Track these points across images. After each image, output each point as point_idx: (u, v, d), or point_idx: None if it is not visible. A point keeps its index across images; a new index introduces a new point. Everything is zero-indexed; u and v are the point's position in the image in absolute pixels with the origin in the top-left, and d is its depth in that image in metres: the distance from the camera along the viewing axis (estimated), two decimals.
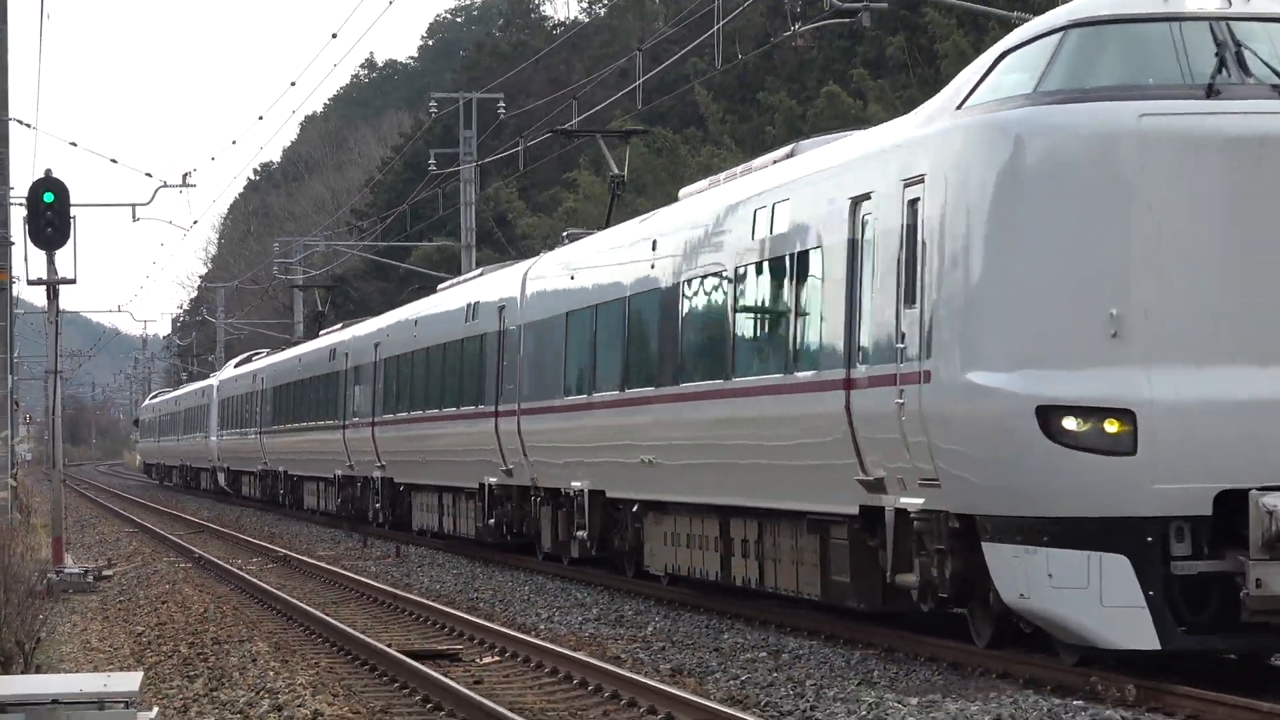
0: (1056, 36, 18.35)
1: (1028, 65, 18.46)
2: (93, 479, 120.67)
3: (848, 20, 34.71)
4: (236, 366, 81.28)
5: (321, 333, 62.20)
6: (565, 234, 37.92)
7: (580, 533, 30.62)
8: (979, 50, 36.27)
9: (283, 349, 73.60)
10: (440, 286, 45.44)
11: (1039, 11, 29.23)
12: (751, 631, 24.00)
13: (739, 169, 26.75)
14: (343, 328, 56.95)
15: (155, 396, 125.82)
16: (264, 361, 72.31)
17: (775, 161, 24.62)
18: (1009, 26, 31.69)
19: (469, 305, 38.47)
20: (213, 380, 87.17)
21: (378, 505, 48.54)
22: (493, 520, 36.41)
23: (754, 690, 18.39)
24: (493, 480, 35.92)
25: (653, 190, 60.94)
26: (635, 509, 28.79)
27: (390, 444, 45.84)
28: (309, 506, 61.08)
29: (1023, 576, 17.28)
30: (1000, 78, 18.76)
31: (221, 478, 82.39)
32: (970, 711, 16.28)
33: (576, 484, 30.71)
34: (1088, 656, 17.55)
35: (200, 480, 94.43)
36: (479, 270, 43.68)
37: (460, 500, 39.75)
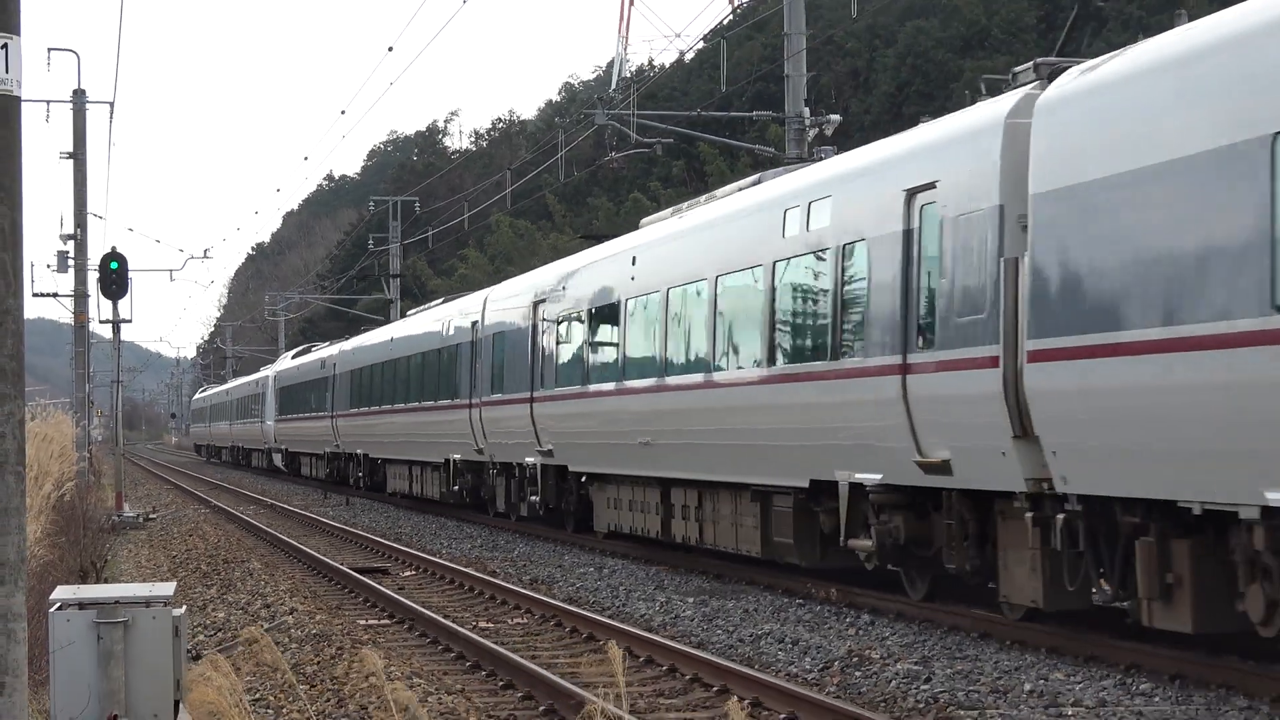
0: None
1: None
2: (143, 454, 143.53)
3: (647, 150, 45.72)
4: (295, 358, 77.48)
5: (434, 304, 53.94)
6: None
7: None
8: (734, 171, 64.11)
9: (365, 330, 67.94)
10: (410, 312, 59.04)
11: (780, 146, 38.17)
12: (584, 554, 31.33)
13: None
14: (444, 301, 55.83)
15: (203, 391, 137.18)
16: (338, 349, 63.72)
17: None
18: (754, 155, 50.16)
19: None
20: (267, 372, 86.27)
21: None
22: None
23: (585, 593, 24.45)
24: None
25: (518, 261, 79.38)
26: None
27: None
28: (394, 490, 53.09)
29: None
30: None
31: (279, 458, 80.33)
32: (729, 607, 21.93)
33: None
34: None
35: (251, 459, 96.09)
36: (440, 300, 52.87)
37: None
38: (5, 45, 7.24)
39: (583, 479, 32.58)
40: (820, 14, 71.14)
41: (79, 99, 48.94)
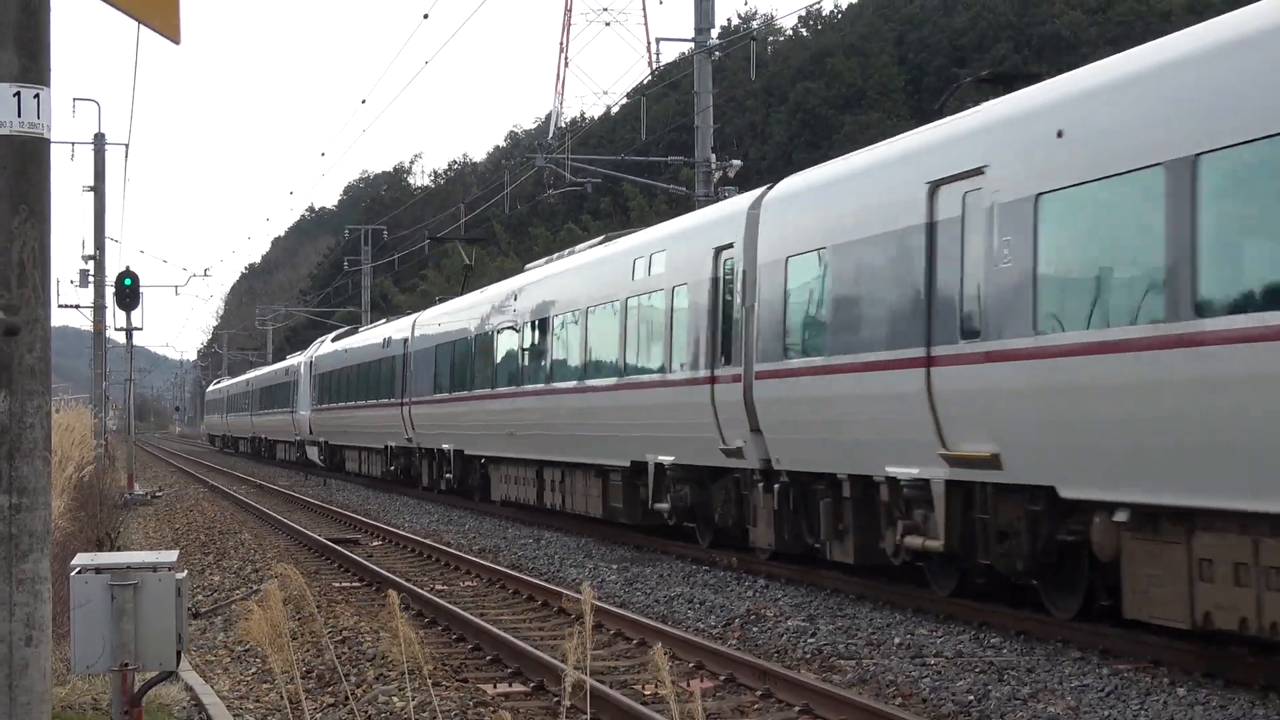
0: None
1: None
2: (151, 442, 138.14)
3: (579, 188, 47.38)
4: (336, 340, 59.22)
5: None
6: (437, 296, 56.19)
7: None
8: (652, 206, 66.75)
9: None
10: (362, 328, 59.89)
11: (691, 186, 38.07)
12: (525, 528, 31.18)
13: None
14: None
15: (218, 383, 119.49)
16: (411, 322, 44.88)
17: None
18: (668, 193, 51.15)
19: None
20: (298, 359, 67.79)
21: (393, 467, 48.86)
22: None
23: (525, 560, 24.54)
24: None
25: (470, 281, 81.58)
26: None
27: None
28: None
29: None
30: None
31: (314, 452, 61.76)
32: (646, 573, 22.08)
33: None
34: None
35: (276, 452, 77.25)
36: (384, 320, 55.10)
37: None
38: (38, 95, 7.18)
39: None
40: (725, 75, 71.15)
41: (99, 141, 48.64)
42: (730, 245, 21.06)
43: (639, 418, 24.26)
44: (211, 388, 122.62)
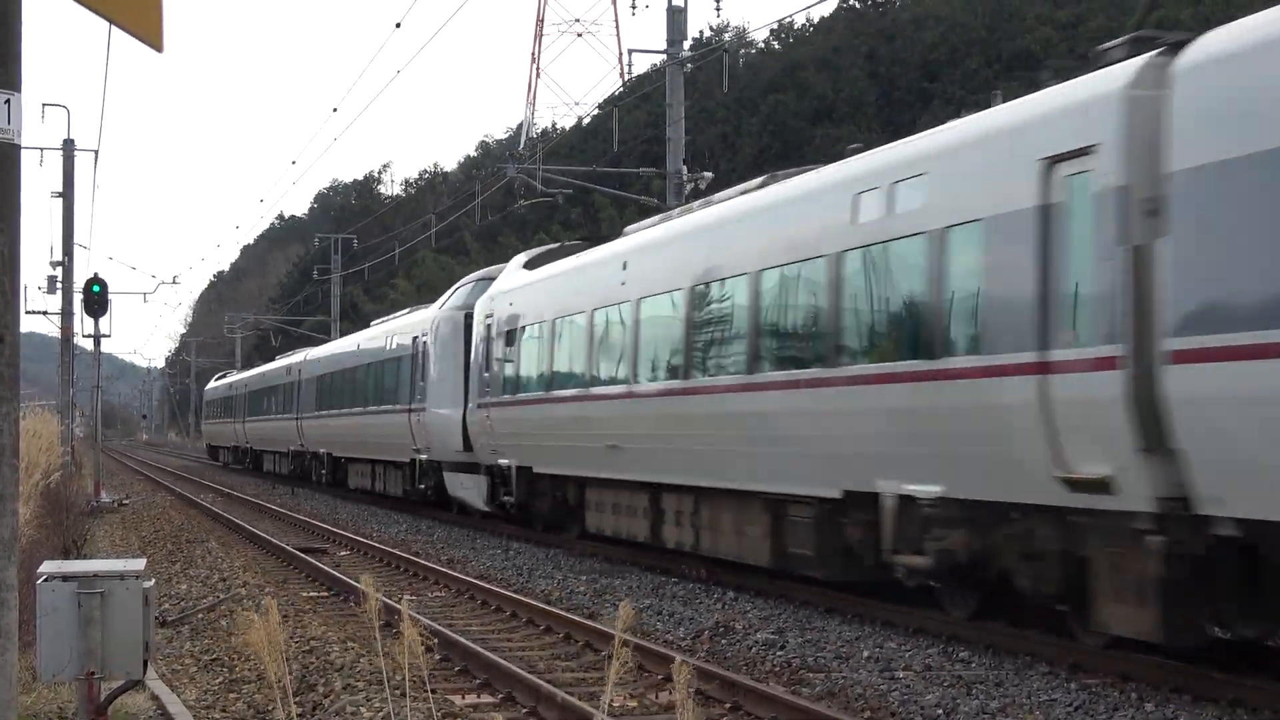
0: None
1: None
2: (118, 449, 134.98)
3: (550, 198, 47.13)
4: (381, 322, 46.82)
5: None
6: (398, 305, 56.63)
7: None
8: (623, 217, 59.44)
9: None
10: (375, 321, 51.37)
11: (663, 197, 38.58)
12: (493, 539, 31.10)
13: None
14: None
15: (222, 378, 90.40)
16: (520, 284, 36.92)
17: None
18: (639, 204, 47.55)
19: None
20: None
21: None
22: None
23: (494, 571, 24.56)
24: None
25: (441, 290, 78.72)
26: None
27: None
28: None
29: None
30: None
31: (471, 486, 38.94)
32: (615, 585, 22.30)
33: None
34: None
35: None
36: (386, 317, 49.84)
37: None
38: (8, 101, 7.14)
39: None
40: (696, 87, 71.33)
41: (68, 147, 48.38)
42: (1084, 152, 13.07)
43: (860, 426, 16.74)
44: (216, 384, 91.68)
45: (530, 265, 30.14)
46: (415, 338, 37.20)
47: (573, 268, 26.82)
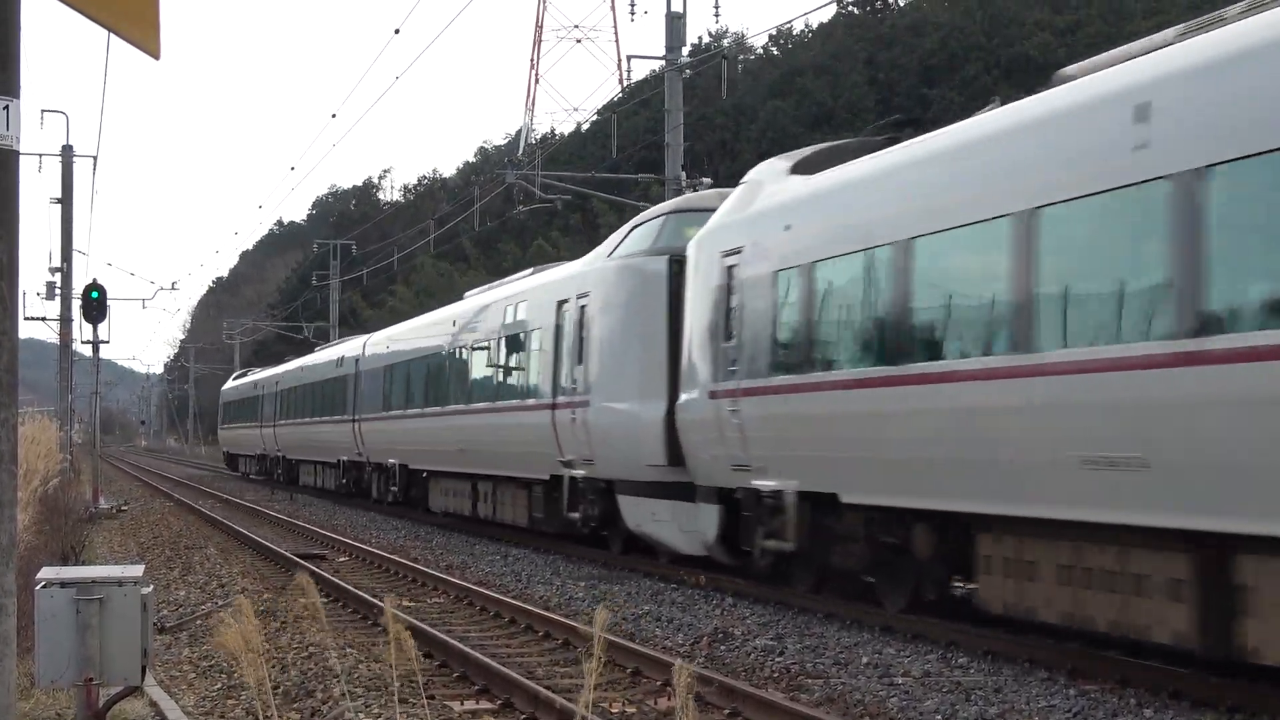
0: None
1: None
2: (116, 455, 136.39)
3: (549, 204, 46.89)
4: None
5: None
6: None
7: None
8: (622, 223, 57.64)
9: None
10: (319, 346, 52.45)
11: (655, 202, 38.20)
12: (491, 545, 31.00)
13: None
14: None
15: (242, 377, 79.69)
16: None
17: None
18: (638, 212, 46.80)
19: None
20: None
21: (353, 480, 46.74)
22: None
23: (493, 577, 24.34)
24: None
25: (440, 296, 76.49)
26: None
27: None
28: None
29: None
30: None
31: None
32: (614, 590, 22.25)
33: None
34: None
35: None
36: (339, 339, 51.53)
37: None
38: (7, 107, 7.15)
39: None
40: (696, 93, 71.33)
41: (67, 153, 48.48)
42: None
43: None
44: (236, 383, 79.84)
45: (805, 169, 19.45)
46: (561, 303, 26.89)
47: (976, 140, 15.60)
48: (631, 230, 25.56)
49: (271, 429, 62.36)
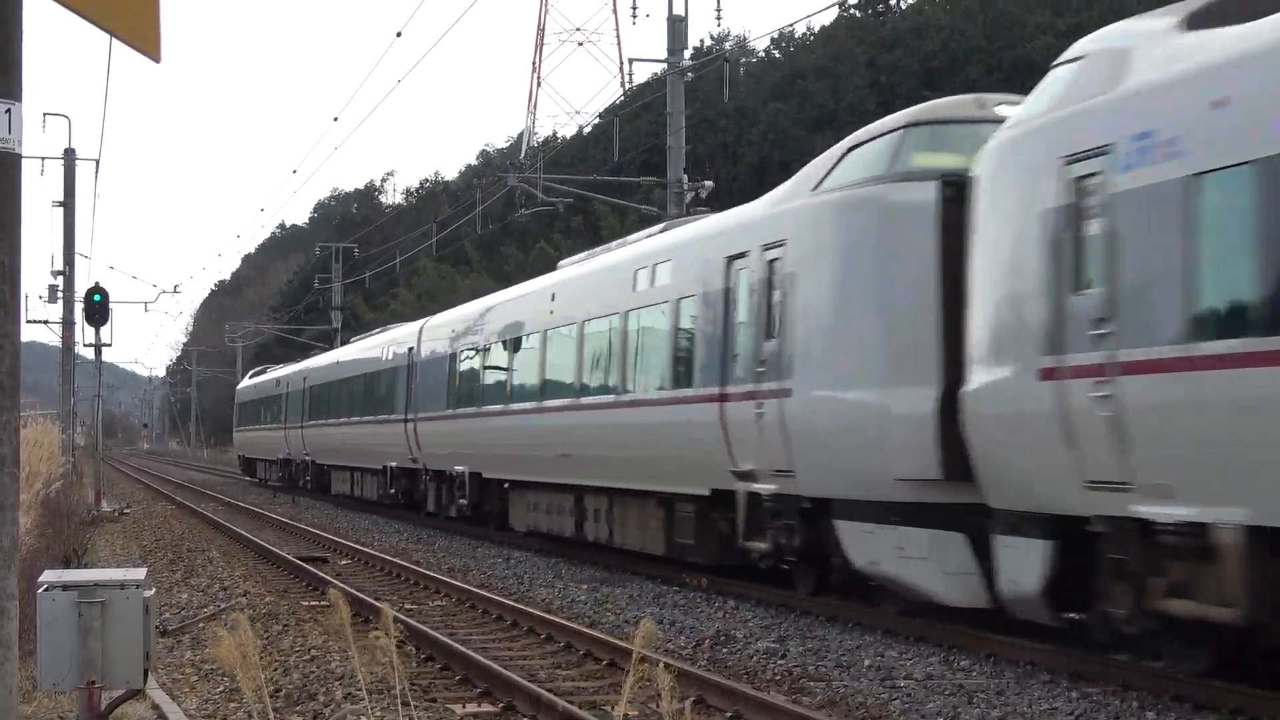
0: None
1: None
2: (119, 458, 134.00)
3: (551, 207, 46.56)
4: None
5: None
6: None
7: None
8: (624, 226, 57.94)
9: None
10: (363, 335, 46.48)
11: (663, 206, 37.62)
12: (495, 548, 30.60)
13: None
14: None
15: (259, 375, 72.15)
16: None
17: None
18: (640, 213, 46.96)
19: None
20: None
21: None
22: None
23: (495, 580, 24.22)
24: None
25: (441, 299, 76.07)
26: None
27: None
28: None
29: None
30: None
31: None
32: (616, 593, 21.09)
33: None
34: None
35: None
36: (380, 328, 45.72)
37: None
38: (9, 110, 7.14)
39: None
40: (697, 96, 71.34)
41: (69, 157, 48.41)
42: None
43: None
44: (254, 380, 72.80)
45: (1214, 20, 12.99)
46: (734, 259, 20.26)
47: None
48: (845, 155, 18.68)
49: (298, 431, 55.40)
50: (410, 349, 38.85)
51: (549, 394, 27.35)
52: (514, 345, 30.02)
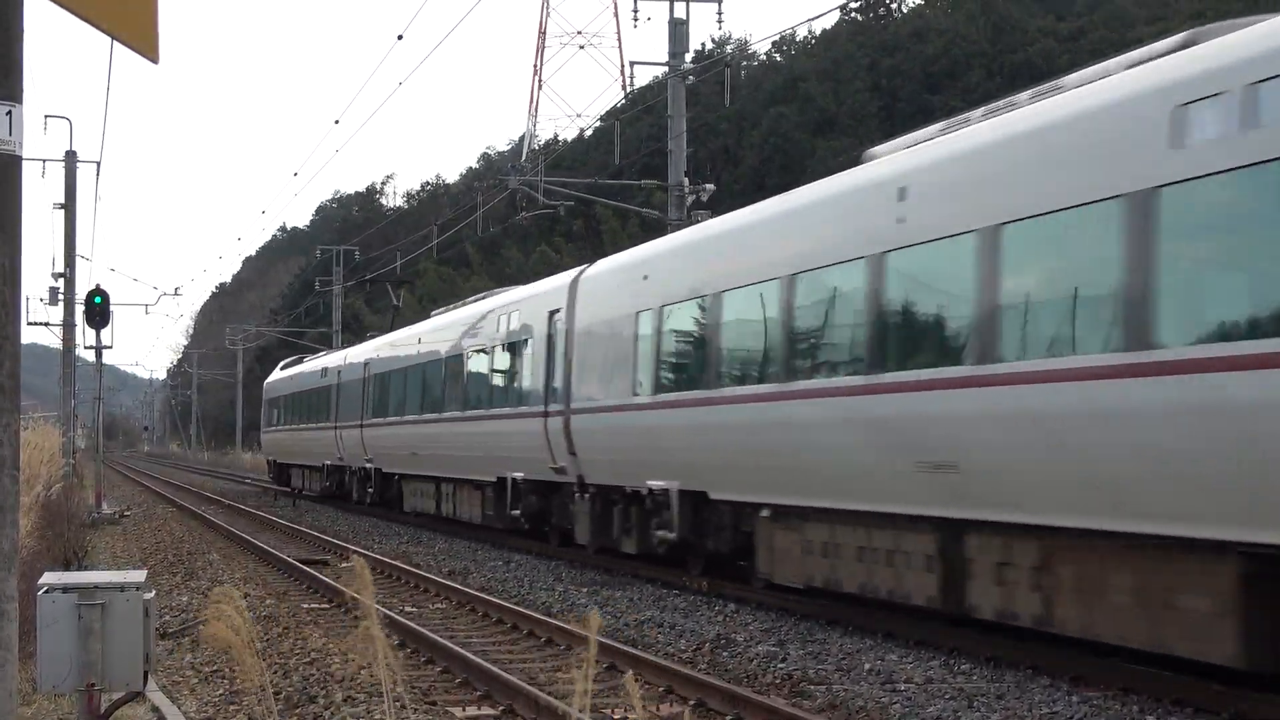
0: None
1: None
2: (119, 460, 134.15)
3: (552, 210, 46.62)
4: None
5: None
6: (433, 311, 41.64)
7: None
8: (624, 229, 61.41)
9: None
10: (434, 311, 38.53)
11: (664, 209, 37.71)
12: (493, 550, 31.04)
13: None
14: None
15: (292, 367, 62.13)
16: None
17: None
18: (641, 216, 48.75)
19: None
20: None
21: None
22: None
23: (495, 583, 24.27)
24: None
25: (442, 300, 77.56)
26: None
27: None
28: None
29: None
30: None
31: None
32: (617, 596, 21.51)
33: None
34: None
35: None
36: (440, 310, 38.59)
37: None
38: (10, 112, 7.14)
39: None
40: (698, 99, 71.40)
41: (70, 159, 48.45)
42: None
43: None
44: (287, 373, 61.82)
45: None
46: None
47: None
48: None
49: (356, 430, 44.22)
50: (552, 314, 27.19)
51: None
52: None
